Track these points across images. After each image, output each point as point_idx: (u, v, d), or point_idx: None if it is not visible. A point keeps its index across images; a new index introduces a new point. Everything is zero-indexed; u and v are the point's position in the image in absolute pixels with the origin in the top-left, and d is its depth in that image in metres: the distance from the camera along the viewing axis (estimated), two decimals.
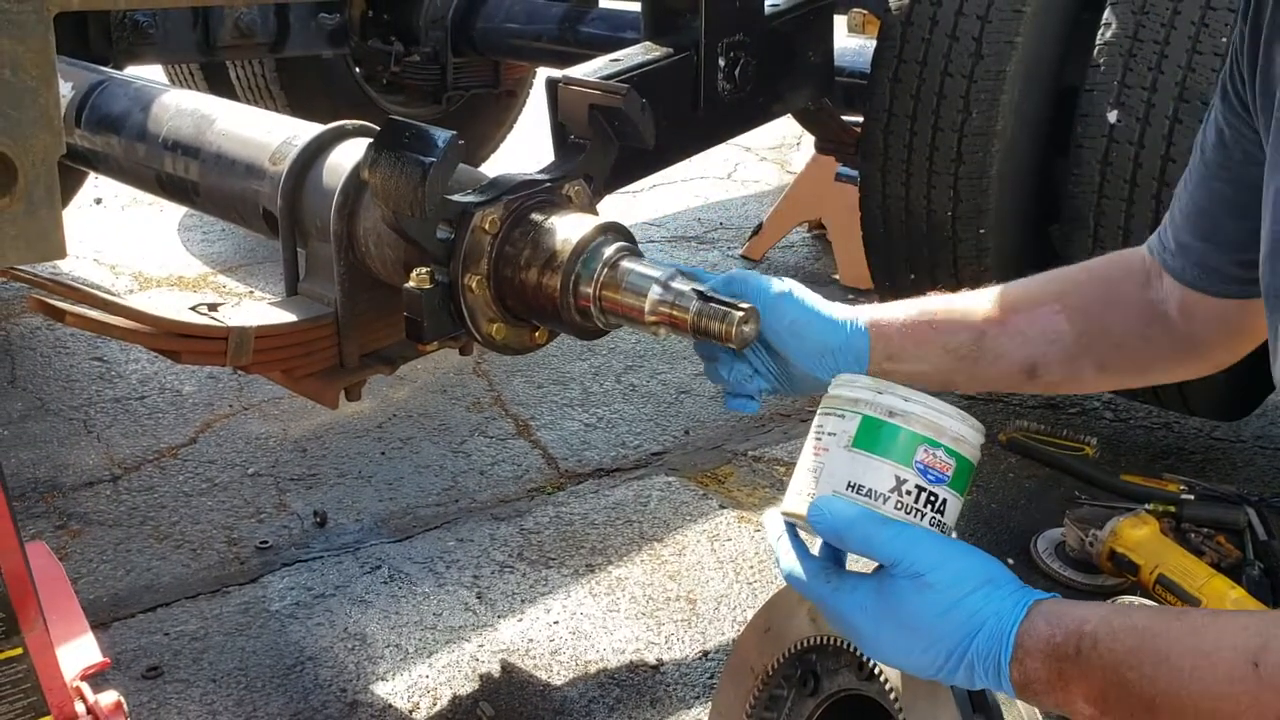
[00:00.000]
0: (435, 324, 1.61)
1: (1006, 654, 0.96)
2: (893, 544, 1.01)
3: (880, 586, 1.02)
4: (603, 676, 2.30)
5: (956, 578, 0.99)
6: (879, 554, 1.02)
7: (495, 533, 2.77)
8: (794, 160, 5.78)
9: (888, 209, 2.74)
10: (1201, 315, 1.21)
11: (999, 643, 0.97)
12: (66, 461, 3.04)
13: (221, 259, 4.47)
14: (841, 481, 1.05)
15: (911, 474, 1.04)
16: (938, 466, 1.04)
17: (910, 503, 1.04)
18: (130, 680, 2.25)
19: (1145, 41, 2.38)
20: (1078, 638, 0.94)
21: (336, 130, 1.94)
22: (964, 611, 0.98)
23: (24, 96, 1.01)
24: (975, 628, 0.98)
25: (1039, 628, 0.96)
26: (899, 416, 1.05)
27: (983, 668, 0.98)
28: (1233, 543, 2.51)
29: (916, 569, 1.00)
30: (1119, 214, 2.43)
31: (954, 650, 0.98)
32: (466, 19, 4.08)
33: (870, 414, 1.06)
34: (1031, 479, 2.96)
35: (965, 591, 0.99)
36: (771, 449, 3.16)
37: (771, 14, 2.43)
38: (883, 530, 1.02)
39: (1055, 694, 0.95)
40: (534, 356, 3.47)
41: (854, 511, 1.03)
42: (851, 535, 1.03)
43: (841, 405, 1.08)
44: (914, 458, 1.04)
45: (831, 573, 1.07)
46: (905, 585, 1.00)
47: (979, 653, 0.97)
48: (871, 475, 1.04)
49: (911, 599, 1.00)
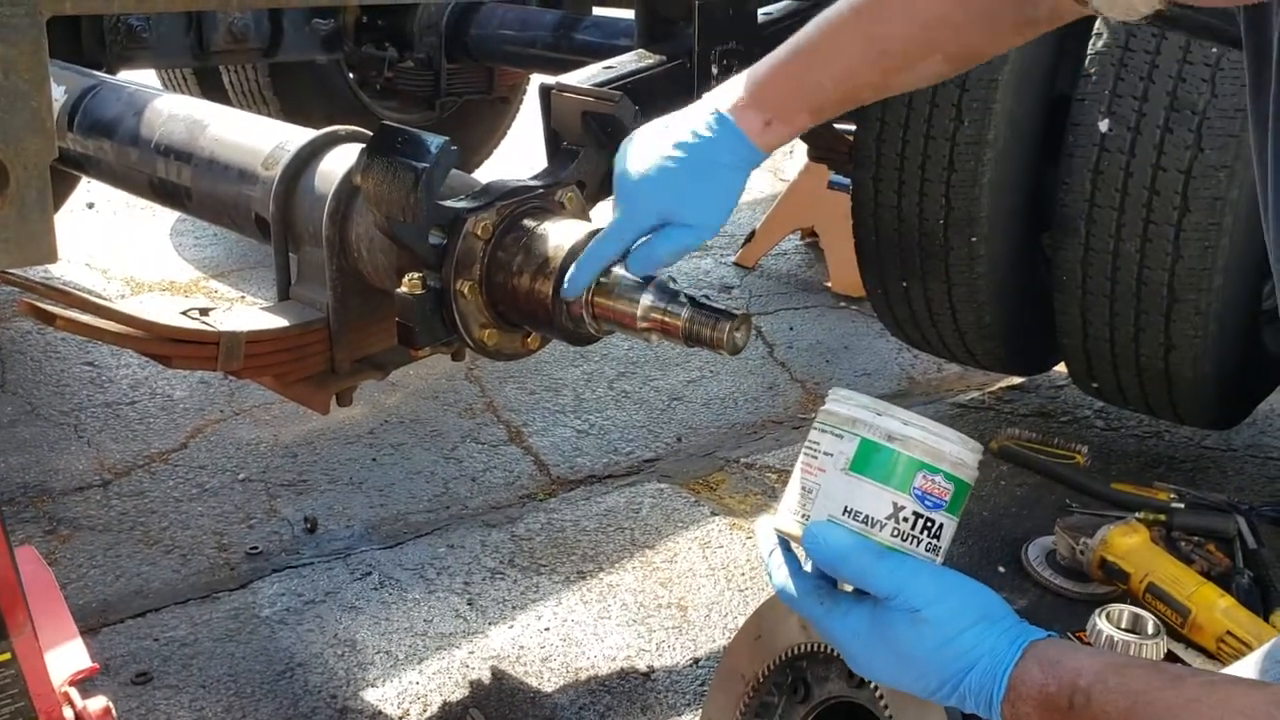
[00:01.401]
0: (427, 329, 1.61)
1: (999, 694, 0.96)
2: (889, 579, 1.00)
3: (875, 615, 1.01)
4: (594, 683, 2.30)
5: (952, 614, 0.99)
6: (875, 587, 1.01)
7: (486, 539, 2.76)
8: (787, 168, 5.79)
9: (880, 217, 2.74)
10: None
11: (992, 682, 0.96)
12: (56, 466, 3.03)
13: (213, 264, 4.46)
14: (838, 506, 1.03)
15: (909, 500, 1.02)
16: (936, 492, 1.03)
17: (907, 530, 1.02)
18: (119, 686, 2.25)
19: (1136, 51, 2.39)
20: (1071, 691, 0.93)
21: (329, 136, 1.94)
22: (959, 648, 0.98)
23: (16, 100, 1.01)
24: (969, 665, 0.97)
25: (1033, 675, 0.95)
26: (898, 441, 1.03)
27: (973, 701, 0.97)
28: (1223, 551, 2.51)
29: (912, 604, 0.99)
30: (1110, 222, 2.44)
31: (946, 682, 0.98)
32: (460, 25, 4.08)
33: (869, 437, 1.03)
34: (1023, 487, 2.96)
35: (961, 628, 0.98)
36: (764, 456, 3.16)
37: (764, 22, 2.43)
38: (878, 564, 1.01)
39: None
40: (526, 362, 3.47)
41: (849, 542, 1.02)
42: (847, 566, 1.02)
43: (839, 424, 1.06)
44: (912, 484, 1.02)
45: (825, 593, 1.06)
46: (900, 618, 0.99)
47: (971, 688, 0.97)
48: (868, 501, 1.03)
49: (906, 633, 0.99)
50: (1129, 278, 2.46)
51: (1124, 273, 2.46)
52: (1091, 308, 2.55)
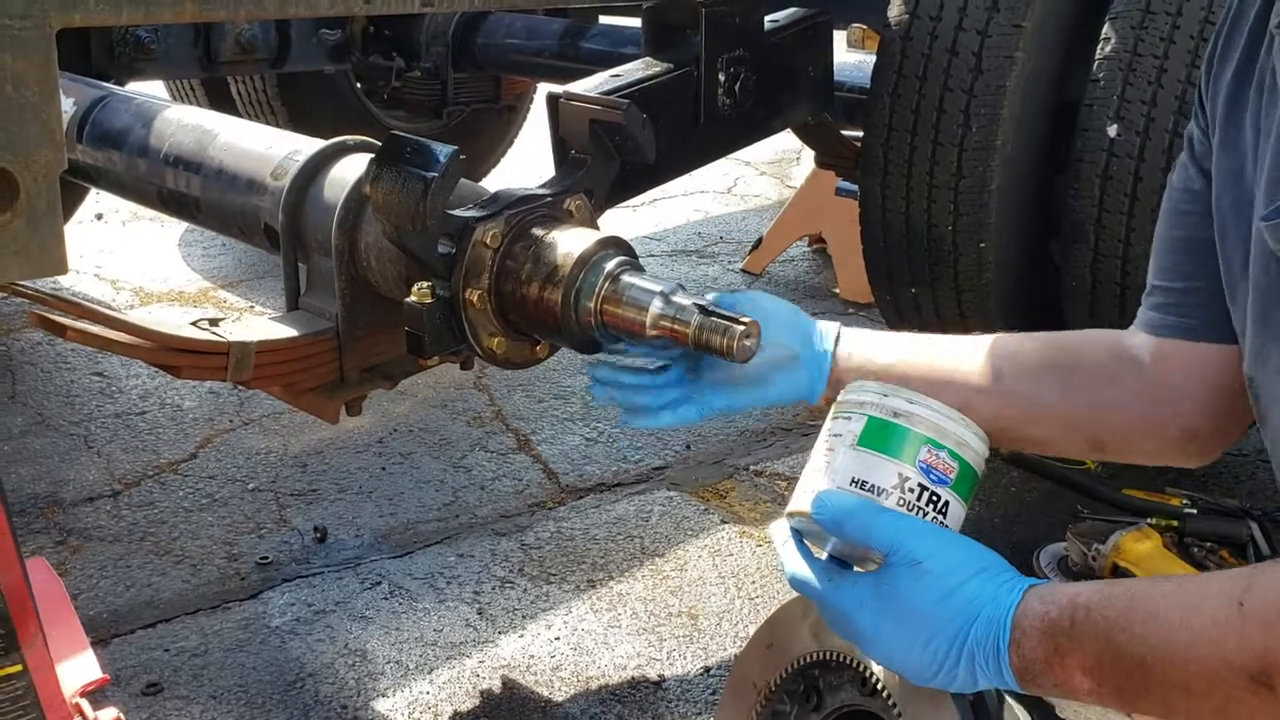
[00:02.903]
0: (436, 339, 1.61)
1: (1005, 638, 0.97)
2: (889, 530, 1.02)
3: (879, 579, 1.03)
4: (604, 693, 2.29)
5: (953, 565, 1.01)
6: (876, 540, 1.03)
7: (496, 548, 2.76)
8: (794, 175, 5.79)
9: (888, 223, 2.74)
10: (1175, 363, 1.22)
11: (997, 627, 0.98)
12: (67, 477, 3.04)
13: (222, 274, 4.47)
14: (846, 477, 1.08)
15: (914, 472, 1.06)
16: (940, 467, 1.07)
17: (912, 500, 1.06)
18: (130, 697, 2.25)
19: (1145, 56, 2.39)
20: (1071, 609, 0.95)
21: (338, 145, 1.95)
22: (961, 598, 0.99)
23: (26, 112, 1.01)
24: (973, 615, 0.99)
25: (1034, 607, 0.97)
26: (903, 417, 1.08)
27: (983, 656, 0.98)
28: (1236, 557, 2.50)
29: (914, 556, 1.01)
30: (1119, 228, 2.43)
31: (954, 640, 0.99)
32: (467, 35, 4.09)
33: (876, 414, 1.09)
34: (1034, 493, 2.95)
35: (962, 579, 1.00)
36: (773, 463, 3.16)
37: (771, 29, 2.43)
38: (880, 517, 1.04)
39: (1054, 672, 0.96)
40: (535, 371, 3.47)
41: (854, 501, 1.05)
42: (851, 523, 1.04)
43: (849, 408, 1.12)
44: (917, 457, 1.07)
45: (834, 572, 1.08)
46: (902, 573, 1.01)
47: (978, 640, 0.98)
48: (875, 472, 1.07)
49: (909, 586, 1.01)
50: (1138, 283, 2.45)
51: (1134, 278, 2.45)
52: (1101, 314, 2.55)
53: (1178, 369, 1.22)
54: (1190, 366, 1.21)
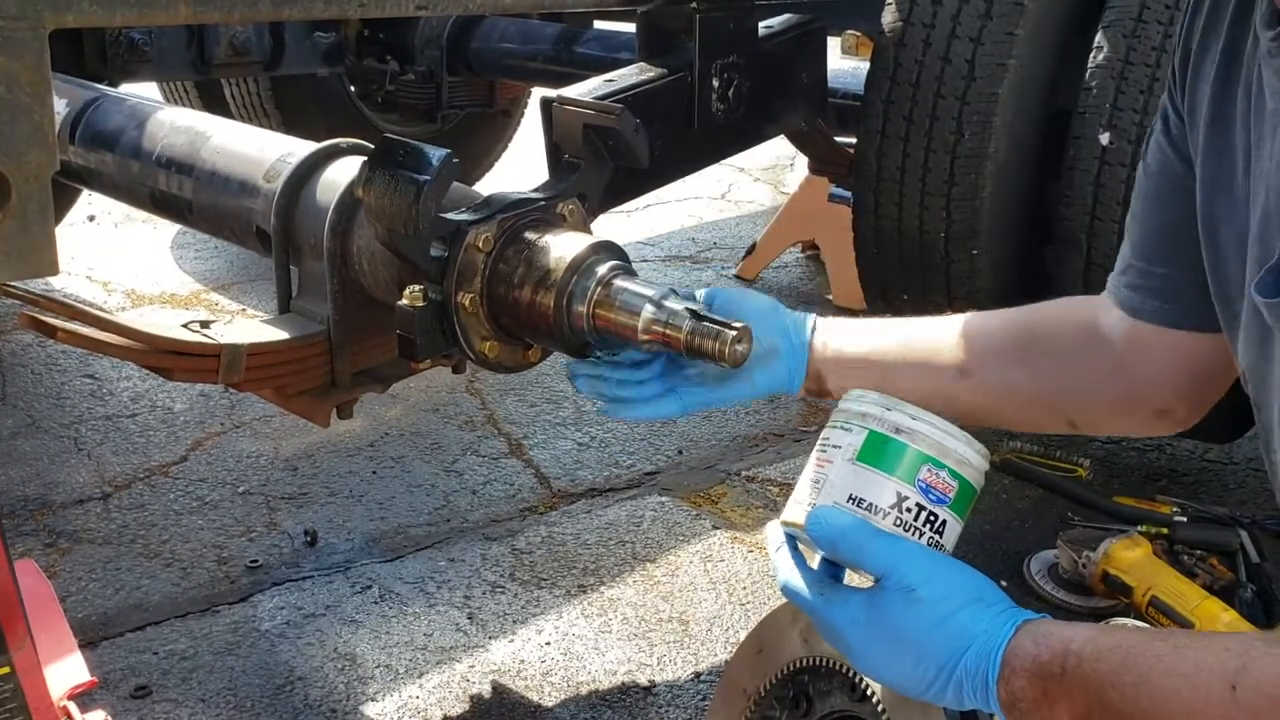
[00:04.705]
0: (428, 342, 1.61)
1: (994, 673, 0.97)
2: (884, 555, 1.01)
3: (871, 600, 1.02)
4: (594, 698, 2.29)
5: (947, 593, 1.00)
6: (870, 564, 1.02)
7: (487, 553, 2.76)
8: (788, 181, 5.80)
9: (881, 229, 2.74)
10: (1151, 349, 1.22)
11: (986, 661, 0.97)
12: (57, 479, 3.03)
13: (214, 276, 4.46)
14: (843, 494, 1.06)
15: (913, 492, 1.04)
16: (940, 487, 1.05)
17: (910, 520, 1.04)
18: (118, 700, 2.24)
19: (1137, 64, 2.39)
20: (1063, 657, 0.94)
21: (330, 148, 1.94)
22: (953, 628, 0.98)
23: (18, 113, 1.01)
24: (964, 645, 0.98)
25: (1026, 647, 0.96)
26: (905, 434, 1.05)
27: (970, 686, 0.98)
28: (1225, 565, 2.50)
29: (907, 582, 1.00)
30: (1111, 235, 2.44)
31: (943, 667, 0.98)
32: (462, 38, 4.09)
33: (876, 429, 1.06)
34: (1024, 500, 2.96)
35: (955, 607, 0.99)
36: (765, 469, 3.16)
37: (765, 35, 2.44)
38: (875, 541, 1.02)
39: (1041, 712, 0.96)
40: (527, 375, 3.47)
41: (849, 521, 1.04)
42: (845, 544, 1.03)
43: (849, 419, 1.09)
44: (917, 476, 1.05)
45: (826, 585, 1.07)
46: (895, 598, 1.00)
47: (967, 670, 0.98)
48: (873, 490, 1.05)
49: (901, 612, 1.00)
50: None
51: None
52: None
53: (1153, 358, 1.21)
54: (1165, 355, 1.21)
